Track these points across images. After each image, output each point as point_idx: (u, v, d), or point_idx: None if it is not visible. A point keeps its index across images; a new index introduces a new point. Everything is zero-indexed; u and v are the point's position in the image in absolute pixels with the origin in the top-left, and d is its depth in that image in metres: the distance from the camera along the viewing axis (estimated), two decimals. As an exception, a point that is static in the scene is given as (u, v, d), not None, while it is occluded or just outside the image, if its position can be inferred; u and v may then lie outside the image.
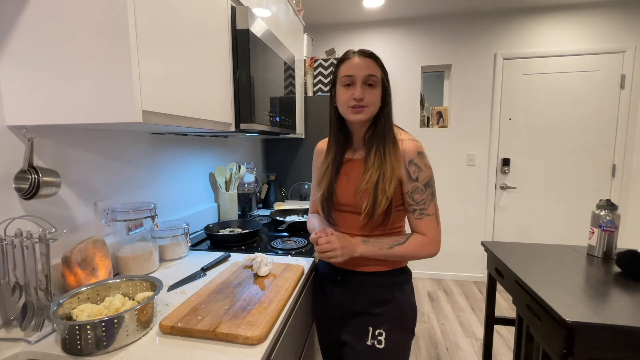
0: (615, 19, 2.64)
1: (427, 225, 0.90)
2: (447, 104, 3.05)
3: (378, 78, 0.87)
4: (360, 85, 0.87)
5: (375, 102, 0.88)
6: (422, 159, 0.89)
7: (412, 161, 0.88)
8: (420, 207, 0.89)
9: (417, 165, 0.88)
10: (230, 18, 1.12)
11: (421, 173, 0.88)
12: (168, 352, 0.65)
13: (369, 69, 0.87)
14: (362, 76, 0.87)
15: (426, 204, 0.89)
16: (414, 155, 0.88)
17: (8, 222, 0.75)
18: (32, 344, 0.68)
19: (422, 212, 0.89)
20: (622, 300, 1.00)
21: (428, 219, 0.89)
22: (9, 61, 0.73)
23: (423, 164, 0.88)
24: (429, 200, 0.89)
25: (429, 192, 0.89)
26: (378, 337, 0.91)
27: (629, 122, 2.67)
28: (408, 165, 0.88)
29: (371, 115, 0.90)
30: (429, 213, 0.89)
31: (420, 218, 0.90)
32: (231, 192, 1.69)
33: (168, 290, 0.93)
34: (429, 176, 0.89)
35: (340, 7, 2.67)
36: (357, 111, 0.88)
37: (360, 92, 0.87)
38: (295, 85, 1.79)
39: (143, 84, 0.70)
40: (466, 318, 2.47)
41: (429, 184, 0.89)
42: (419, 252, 0.90)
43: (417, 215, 0.90)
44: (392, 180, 0.87)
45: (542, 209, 2.90)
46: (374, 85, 0.88)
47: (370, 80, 0.87)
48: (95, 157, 1.01)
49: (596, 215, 1.32)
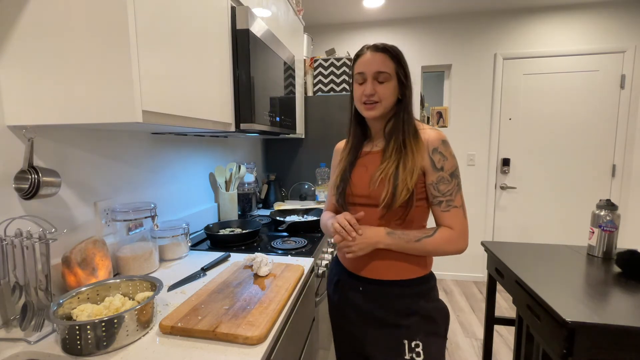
0: (615, 19, 2.64)
1: (455, 218, 0.85)
2: (447, 104, 3.05)
3: (390, 74, 0.85)
4: (371, 81, 0.86)
5: (387, 97, 0.86)
6: (447, 147, 0.85)
7: (436, 149, 0.84)
8: (447, 199, 0.84)
9: (441, 153, 0.84)
10: (230, 18, 1.12)
11: (446, 162, 0.84)
12: (168, 352, 0.65)
13: (378, 65, 0.85)
14: (372, 72, 0.85)
15: (453, 195, 0.84)
16: (437, 143, 0.84)
17: (8, 222, 0.75)
18: (32, 344, 0.68)
19: (449, 204, 0.84)
20: (622, 300, 1.00)
21: (455, 212, 0.85)
22: (9, 61, 0.73)
23: (448, 152, 0.85)
24: (456, 192, 0.84)
25: (455, 183, 0.84)
26: (415, 349, 0.86)
27: (629, 122, 2.67)
28: (432, 154, 0.84)
29: (385, 111, 0.88)
30: (456, 205, 0.85)
31: (448, 210, 0.85)
32: (231, 192, 1.69)
33: (168, 290, 0.93)
34: (454, 166, 0.85)
35: (340, 7, 2.67)
36: (369, 107, 0.87)
37: (370, 88, 0.85)
38: (295, 85, 1.79)
39: (143, 84, 0.70)
40: (466, 318, 2.47)
41: (455, 174, 0.85)
42: (448, 247, 0.84)
43: (444, 207, 0.85)
44: (414, 171, 0.83)
45: (542, 209, 2.89)
46: (386, 81, 0.85)
47: (380, 78, 0.85)
48: (95, 157, 1.01)
49: (596, 215, 1.32)
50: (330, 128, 2.32)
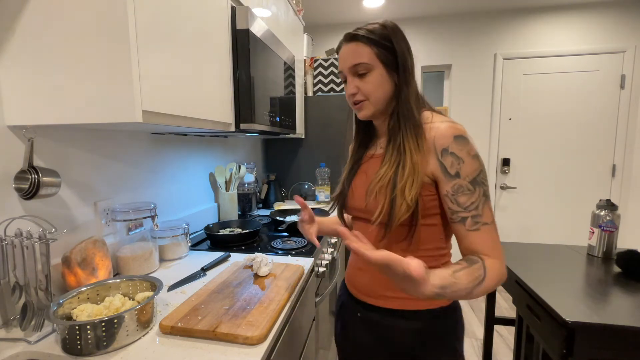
0: (615, 19, 2.64)
1: (490, 240, 0.62)
2: (447, 104, 3.05)
3: (368, 63, 0.69)
4: (351, 78, 0.72)
5: (373, 91, 0.70)
6: (463, 145, 0.64)
7: (446, 150, 0.64)
8: (473, 214, 0.63)
9: (454, 155, 0.64)
10: (230, 18, 1.12)
11: (463, 166, 0.63)
12: (168, 352, 0.65)
13: (352, 57, 0.70)
14: (347, 68, 0.71)
15: (479, 209, 0.63)
16: (448, 141, 0.64)
17: (8, 222, 0.75)
18: (32, 344, 0.68)
19: (476, 221, 0.63)
20: (622, 300, 1.00)
21: (487, 230, 0.62)
22: (9, 61, 0.73)
23: (465, 152, 0.63)
24: (482, 204, 0.63)
25: (480, 193, 0.63)
26: None
27: (629, 122, 2.67)
28: (442, 156, 0.64)
29: (378, 107, 0.72)
30: (487, 221, 0.63)
31: (477, 229, 0.62)
32: (231, 192, 1.69)
33: (168, 290, 0.93)
34: (476, 169, 0.63)
35: (340, 7, 2.67)
36: (358, 108, 0.74)
37: (350, 87, 0.72)
38: (295, 85, 1.79)
39: (143, 84, 0.70)
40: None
41: (479, 180, 0.63)
42: (497, 284, 0.61)
43: (470, 225, 0.63)
44: (415, 181, 0.64)
45: (542, 209, 2.89)
46: (366, 73, 0.70)
47: (358, 70, 0.70)
48: (95, 157, 1.01)
49: (596, 215, 1.32)
50: (330, 128, 2.32)
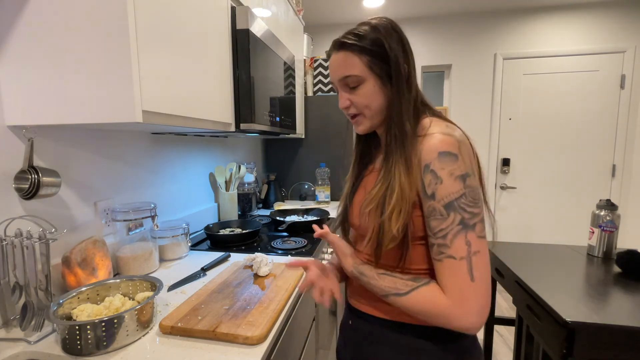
0: (615, 19, 2.64)
1: (450, 276, 0.54)
2: (447, 104, 3.05)
3: (358, 75, 0.62)
4: (341, 91, 0.67)
5: (367, 104, 0.64)
6: (447, 163, 0.55)
7: (427, 166, 0.56)
8: (439, 242, 0.55)
9: (434, 173, 0.55)
10: (230, 18, 1.12)
11: (440, 187, 0.55)
12: (168, 352, 0.65)
13: (342, 68, 0.64)
14: (337, 81, 0.66)
15: (447, 238, 0.54)
16: (432, 156, 0.56)
17: (8, 222, 0.75)
18: (32, 344, 0.68)
19: (440, 251, 0.55)
20: (622, 300, 1.00)
21: (450, 265, 0.54)
22: (9, 61, 0.73)
23: (447, 172, 0.54)
24: (455, 233, 0.54)
25: (454, 220, 0.54)
26: None
27: (629, 122, 2.67)
28: (424, 172, 0.56)
29: (374, 122, 0.66)
30: (453, 255, 0.54)
31: (439, 259, 0.56)
32: (231, 192, 1.69)
33: (168, 290, 0.93)
34: (455, 192, 0.54)
35: (340, 7, 2.67)
36: (354, 123, 0.68)
37: (342, 100, 0.66)
38: (295, 85, 1.79)
39: (143, 84, 0.70)
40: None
41: (455, 205, 0.54)
42: (433, 317, 0.55)
43: (435, 254, 0.56)
44: (402, 210, 0.57)
45: (542, 208, 2.89)
46: (358, 86, 0.64)
47: (349, 83, 0.64)
48: (95, 157, 1.01)
49: (596, 215, 1.32)
50: (330, 128, 2.31)
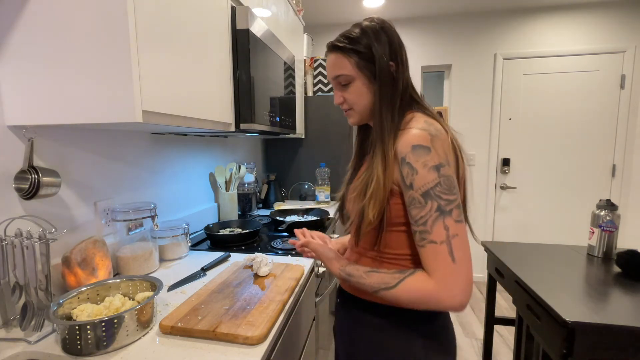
0: (615, 19, 2.64)
1: (433, 260, 0.59)
2: (447, 104, 3.05)
3: (348, 74, 0.70)
4: (335, 89, 0.76)
5: (356, 100, 0.72)
6: (420, 155, 0.60)
7: (404, 159, 0.62)
8: (420, 229, 0.60)
9: (410, 165, 0.61)
10: (230, 18, 1.12)
11: (416, 177, 0.60)
12: (168, 352, 0.65)
13: (334, 68, 0.72)
14: (331, 79, 0.74)
15: (428, 225, 0.59)
16: (407, 150, 0.62)
17: (8, 222, 0.75)
18: (32, 344, 0.68)
19: (422, 237, 0.60)
20: (622, 300, 1.00)
21: (432, 249, 0.59)
22: (9, 61, 0.73)
23: (420, 163, 0.60)
24: (433, 220, 0.59)
25: (431, 207, 0.59)
26: None
27: (629, 122, 2.67)
28: (401, 165, 0.63)
29: (362, 115, 0.74)
30: (434, 239, 0.59)
31: (422, 246, 0.61)
32: (231, 192, 1.69)
33: (168, 290, 0.93)
34: (430, 182, 0.59)
35: (340, 7, 2.67)
36: (347, 116, 0.77)
37: (336, 97, 0.76)
38: (295, 85, 1.79)
39: (143, 84, 0.70)
40: (466, 318, 2.47)
41: (431, 194, 0.59)
42: (422, 304, 0.60)
43: (418, 240, 0.61)
44: (377, 200, 0.64)
45: (542, 209, 2.89)
46: (348, 84, 0.72)
47: (341, 81, 0.72)
48: (95, 157, 1.01)
49: (596, 215, 1.32)
50: (330, 128, 2.32)
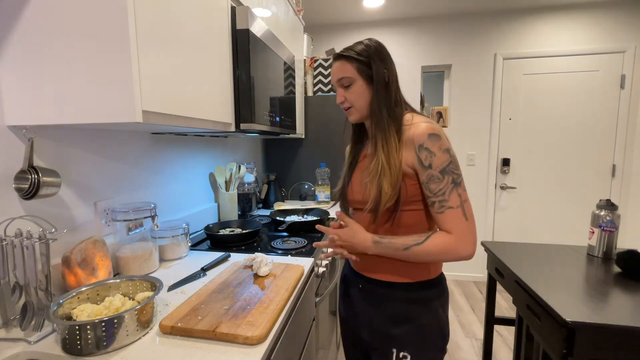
0: (615, 19, 2.64)
1: (452, 221, 0.77)
2: (447, 104, 3.05)
3: (350, 77, 0.85)
4: (338, 90, 0.90)
5: (356, 100, 0.87)
6: (435, 141, 0.78)
7: (422, 146, 0.78)
8: (440, 199, 0.77)
9: (428, 149, 0.78)
10: (230, 18, 1.12)
11: (435, 158, 0.77)
12: (168, 352, 0.65)
13: (338, 72, 0.87)
14: (335, 81, 0.89)
15: (446, 195, 0.77)
16: (423, 138, 0.78)
17: (8, 222, 0.75)
18: (32, 344, 0.68)
19: (442, 205, 0.77)
20: (622, 300, 1.00)
21: (451, 213, 0.77)
22: (9, 61, 0.73)
23: (437, 147, 0.77)
24: (450, 190, 0.77)
25: (448, 180, 0.77)
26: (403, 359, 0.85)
27: (629, 122, 2.67)
28: (418, 151, 0.78)
29: (362, 113, 0.89)
30: (452, 205, 0.77)
31: (441, 212, 0.78)
32: (231, 192, 1.69)
33: (168, 290, 0.93)
34: (445, 161, 0.77)
35: (340, 7, 2.67)
36: (347, 113, 0.91)
37: (338, 97, 0.89)
38: (295, 85, 1.79)
39: (143, 84, 0.70)
40: (466, 318, 2.47)
41: (447, 170, 0.77)
42: (444, 254, 0.77)
43: (437, 208, 0.78)
44: (393, 172, 0.79)
45: (542, 209, 2.89)
46: (350, 85, 0.86)
47: (343, 83, 0.87)
48: (95, 157, 1.01)
49: (596, 215, 1.32)
50: (330, 128, 2.32)
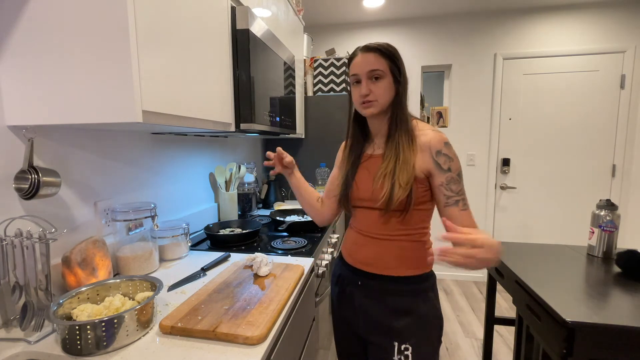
0: (615, 19, 2.64)
1: (471, 217, 0.84)
2: (447, 104, 3.05)
3: (383, 71, 0.85)
4: (366, 81, 0.87)
5: (382, 94, 0.87)
6: (450, 149, 0.86)
7: (440, 152, 0.85)
8: (462, 197, 0.84)
9: (446, 155, 0.84)
10: (230, 18, 1.12)
11: (452, 163, 0.84)
12: (168, 352, 0.65)
13: (370, 64, 0.85)
14: (365, 72, 0.86)
15: (464, 195, 0.85)
16: (441, 145, 0.85)
17: (8, 222, 0.75)
18: (32, 344, 0.68)
19: (465, 203, 0.84)
20: (622, 300, 1.00)
21: (468, 212, 0.84)
22: (9, 61, 0.73)
23: (452, 153, 0.85)
24: (464, 191, 0.85)
25: (462, 183, 0.86)
26: (405, 352, 0.88)
27: (629, 122, 2.67)
28: (436, 156, 0.84)
29: (382, 108, 0.88)
30: (468, 205, 0.85)
31: (465, 209, 0.84)
32: (231, 192, 1.69)
33: (168, 290, 0.93)
34: (459, 167, 0.86)
35: (340, 7, 2.67)
36: (366, 106, 0.88)
37: (365, 89, 0.87)
38: (295, 85, 1.79)
39: (143, 84, 0.70)
40: (466, 318, 2.47)
41: (460, 174, 0.86)
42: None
43: (462, 206, 0.84)
44: (407, 171, 0.84)
45: (542, 209, 2.89)
46: (379, 78, 0.86)
47: (375, 75, 0.86)
48: (95, 157, 1.01)
49: (596, 215, 1.32)
50: (330, 128, 2.32)
